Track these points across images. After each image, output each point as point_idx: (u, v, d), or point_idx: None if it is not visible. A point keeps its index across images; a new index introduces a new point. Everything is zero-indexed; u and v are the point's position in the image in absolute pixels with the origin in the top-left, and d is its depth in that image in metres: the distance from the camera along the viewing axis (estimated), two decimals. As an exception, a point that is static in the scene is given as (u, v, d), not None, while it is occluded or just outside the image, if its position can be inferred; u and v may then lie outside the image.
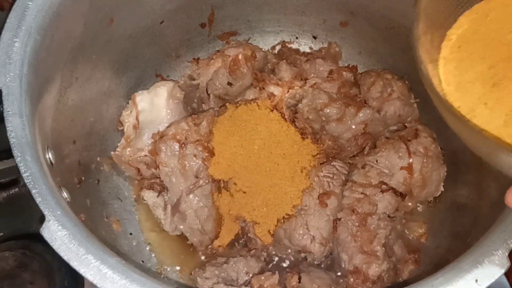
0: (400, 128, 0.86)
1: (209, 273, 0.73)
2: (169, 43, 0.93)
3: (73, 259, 0.51)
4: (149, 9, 0.83)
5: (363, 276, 0.72)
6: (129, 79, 0.89)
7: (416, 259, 0.78)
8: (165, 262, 0.84)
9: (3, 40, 0.60)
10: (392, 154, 0.79)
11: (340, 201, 0.77)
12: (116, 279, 0.50)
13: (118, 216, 0.85)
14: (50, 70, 0.66)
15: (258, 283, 0.71)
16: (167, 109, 0.84)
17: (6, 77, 0.59)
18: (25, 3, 0.62)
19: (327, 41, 0.98)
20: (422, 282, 0.52)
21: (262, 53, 0.91)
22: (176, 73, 0.98)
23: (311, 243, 0.75)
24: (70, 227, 0.52)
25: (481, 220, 0.64)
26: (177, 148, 0.79)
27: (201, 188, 0.78)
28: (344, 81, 0.88)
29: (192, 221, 0.78)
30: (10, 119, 0.57)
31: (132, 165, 0.83)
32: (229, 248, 0.82)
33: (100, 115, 0.85)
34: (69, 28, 0.69)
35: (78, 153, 0.77)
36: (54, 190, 0.56)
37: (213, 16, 0.93)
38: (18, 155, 0.55)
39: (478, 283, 0.51)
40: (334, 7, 0.90)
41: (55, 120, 0.69)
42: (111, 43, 0.80)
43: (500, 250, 0.53)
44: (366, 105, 0.85)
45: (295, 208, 0.76)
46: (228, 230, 0.82)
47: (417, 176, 0.77)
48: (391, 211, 0.76)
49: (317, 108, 0.83)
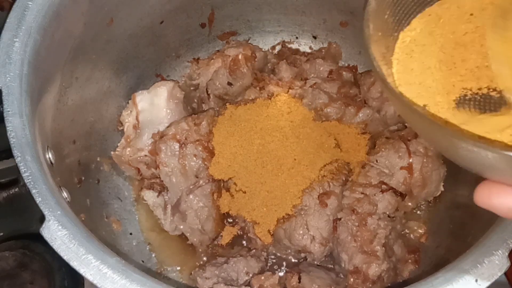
0: (400, 128, 0.86)
1: (209, 273, 0.74)
2: (169, 43, 0.93)
3: (73, 259, 0.51)
4: (149, 9, 0.83)
5: (363, 276, 0.72)
6: (129, 79, 0.89)
7: (416, 259, 0.78)
8: (165, 262, 0.84)
9: (3, 40, 0.60)
10: (392, 154, 0.79)
11: (340, 201, 0.77)
12: (116, 279, 0.50)
13: (118, 216, 0.85)
14: (50, 70, 0.66)
15: (258, 283, 0.71)
16: (167, 109, 0.84)
17: (6, 77, 0.59)
18: (25, 3, 0.62)
19: (327, 41, 0.98)
20: (422, 282, 0.52)
21: (262, 53, 0.91)
22: (176, 73, 0.98)
23: (311, 243, 0.75)
24: (70, 227, 0.52)
25: (481, 220, 0.64)
26: (177, 148, 0.79)
27: (201, 188, 0.78)
28: (344, 81, 0.88)
29: (192, 221, 0.78)
30: (10, 119, 0.57)
31: (132, 165, 0.83)
32: (229, 248, 0.82)
33: (100, 115, 0.85)
34: (69, 28, 0.69)
35: (78, 153, 0.77)
36: (54, 190, 0.56)
37: (213, 16, 0.93)
38: (18, 155, 0.55)
39: (478, 283, 0.51)
40: (334, 7, 0.91)
41: (55, 120, 0.69)
42: (111, 43, 0.80)
43: (500, 250, 0.53)
44: (366, 105, 0.85)
45: (295, 208, 0.76)
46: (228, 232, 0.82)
47: (417, 176, 0.77)
48: (391, 211, 0.76)
49: (317, 108, 0.83)
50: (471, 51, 0.44)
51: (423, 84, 0.44)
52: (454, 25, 0.46)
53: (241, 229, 0.82)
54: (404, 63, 0.46)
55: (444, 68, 0.44)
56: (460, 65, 0.44)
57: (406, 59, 0.46)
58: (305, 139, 0.80)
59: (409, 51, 0.46)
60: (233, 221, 0.83)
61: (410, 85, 0.44)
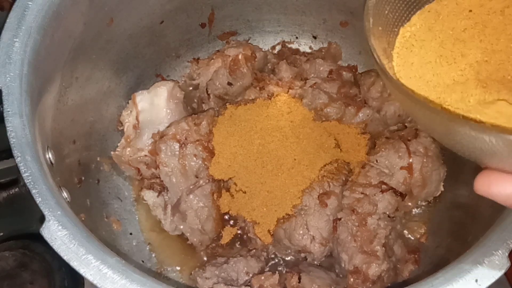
0: (400, 128, 0.86)
1: (209, 273, 0.74)
2: (169, 43, 0.93)
3: (73, 259, 0.51)
4: (149, 9, 0.83)
5: (363, 276, 0.72)
6: (129, 79, 0.89)
7: (416, 259, 0.78)
8: (165, 262, 0.84)
9: (3, 40, 0.60)
10: (392, 154, 0.79)
11: (340, 201, 0.77)
12: (116, 279, 0.50)
13: (118, 216, 0.85)
14: (50, 70, 0.66)
15: (258, 283, 0.71)
16: (167, 109, 0.84)
17: (6, 77, 0.59)
18: (25, 3, 0.62)
19: (327, 41, 0.98)
20: (422, 282, 0.52)
21: (262, 53, 0.91)
22: (176, 73, 0.98)
23: (311, 243, 0.75)
24: (70, 227, 0.52)
25: (481, 220, 0.64)
26: (177, 148, 0.79)
27: (201, 188, 0.78)
28: (344, 81, 0.88)
29: (192, 221, 0.78)
30: (10, 119, 0.57)
31: (132, 165, 0.83)
32: (229, 248, 0.82)
33: (100, 115, 0.85)
34: (69, 28, 0.69)
35: (78, 153, 0.77)
36: (54, 190, 0.56)
37: (213, 16, 0.93)
38: (18, 155, 0.55)
39: (478, 283, 0.51)
40: (334, 7, 0.91)
41: (55, 120, 0.69)
42: (111, 43, 0.80)
43: (500, 250, 0.53)
44: (366, 105, 0.85)
45: (295, 208, 0.76)
46: (228, 232, 0.82)
47: (417, 176, 0.77)
48: (391, 211, 0.76)
49: (317, 108, 0.83)
50: (471, 46, 0.45)
51: (423, 78, 0.45)
52: (453, 21, 0.47)
53: (241, 229, 0.82)
54: (404, 57, 0.47)
55: (444, 63, 0.45)
56: (460, 60, 0.45)
57: (406, 53, 0.47)
58: (305, 139, 0.80)
59: (409, 46, 0.47)
60: (233, 221, 0.83)
61: (410, 78, 0.45)
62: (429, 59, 0.46)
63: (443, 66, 0.45)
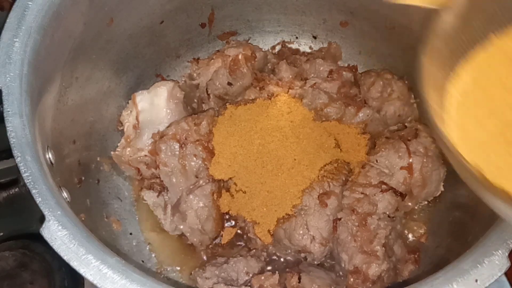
0: (400, 128, 0.86)
1: (209, 273, 0.74)
2: (169, 43, 0.93)
3: (73, 259, 0.51)
4: (149, 9, 0.83)
5: (363, 276, 0.72)
6: (129, 79, 0.89)
7: (416, 259, 0.78)
8: (165, 262, 0.84)
9: (3, 40, 0.60)
10: (392, 154, 0.79)
11: (340, 201, 0.77)
12: (116, 279, 0.50)
13: (118, 216, 0.85)
14: (50, 70, 0.66)
15: (258, 283, 0.71)
16: (167, 109, 0.84)
17: (6, 77, 0.59)
18: (25, 3, 0.62)
19: (327, 41, 0.98)
20: (422, 282, 0.52)
21: (262, 53, 0.91)
22: (176, 73, 0.98)
23: (311, 243, 0.75)
24: (70, 227, 0.52)
25: (481, 220, 0.64)
26: (177, 148, 0.79)
27: (201, 188, 0.78)
28: (344, 81, 0.88)
29: (192, 221, 0.78)
30: (10, 119, 0.57)
31: (132, 165, 0.83)
32: (229, 248, 0.82)
33: (100, 115, 0.85)
34: (69, 28, 0.69)
35: (78, 153, 0.77)
36: (54, 190, 0.56)
37: (213, 16, 0.93)
38: (18, 155, 0.55)
39: (478, 283, 0.51)
40: (334, 7, 0.91)
41: (55, 120, 0.69)
42: (111, 43, 0.80)
43: (500, 250, 0.53)
44: (366, 105, 0.85)
45: (295, 208, 0.76)
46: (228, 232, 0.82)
47: (417, 176, 0.77)
48: (391, 211, 0.76)
49: (317, 108, 0.83)
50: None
51: (478, 140, 0.43)
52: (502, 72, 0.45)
53: (241, 229, 0.82)
54: (457, 119, 0.45)
55: (497, 122, 0.43)
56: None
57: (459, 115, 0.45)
58: (305, 139, 0.80)
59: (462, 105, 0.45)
60: (233, 221, 0.83)
61: (464, 140, 0.43)
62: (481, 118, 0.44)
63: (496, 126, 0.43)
